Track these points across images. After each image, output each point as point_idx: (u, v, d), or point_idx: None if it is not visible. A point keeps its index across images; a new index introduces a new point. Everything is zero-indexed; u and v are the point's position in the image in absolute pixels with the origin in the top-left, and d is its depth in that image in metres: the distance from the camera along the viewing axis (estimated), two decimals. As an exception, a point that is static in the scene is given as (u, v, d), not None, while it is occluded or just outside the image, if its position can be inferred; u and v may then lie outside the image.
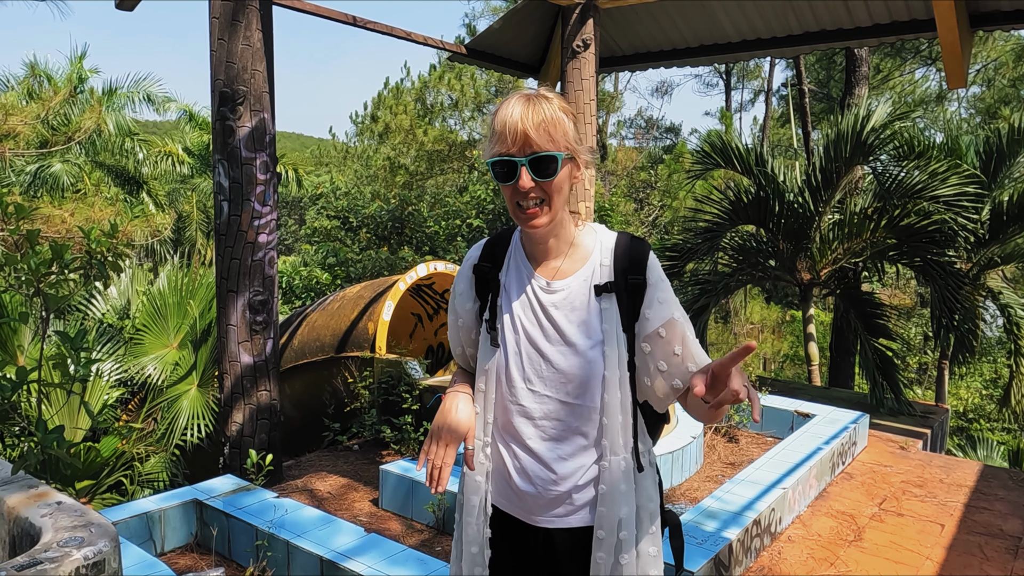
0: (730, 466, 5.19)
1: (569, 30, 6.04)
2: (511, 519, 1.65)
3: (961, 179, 7.12)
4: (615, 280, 1.58)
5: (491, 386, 1.63)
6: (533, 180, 1.47)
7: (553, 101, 1.50)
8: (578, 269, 1.61)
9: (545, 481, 1.58)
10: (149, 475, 5.36)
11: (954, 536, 4.16)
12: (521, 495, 1.61)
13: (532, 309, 1.60)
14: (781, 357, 19.91)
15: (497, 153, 1.49)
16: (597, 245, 1.63)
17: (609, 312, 1.57)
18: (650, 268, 1.59)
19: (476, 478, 1.65)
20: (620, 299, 1.57)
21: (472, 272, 1.70)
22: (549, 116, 1.48)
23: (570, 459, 1.58)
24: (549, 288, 1.60)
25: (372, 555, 3.20)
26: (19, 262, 3.29)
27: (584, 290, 1.59)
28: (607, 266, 1.60)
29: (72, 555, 2.10)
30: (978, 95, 21.36)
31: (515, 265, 1.66)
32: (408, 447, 4.98)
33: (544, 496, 1.58)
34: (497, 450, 1.64)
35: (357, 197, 13.04)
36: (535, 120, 1.46)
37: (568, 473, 1.58)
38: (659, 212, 21.44)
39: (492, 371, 1.62)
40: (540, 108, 1.48)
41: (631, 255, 1.59)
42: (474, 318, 1.70)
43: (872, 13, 6.20)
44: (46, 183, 15.63)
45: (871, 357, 7.10)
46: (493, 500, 1.66)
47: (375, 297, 5.91)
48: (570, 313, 1.58)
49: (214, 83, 4.38)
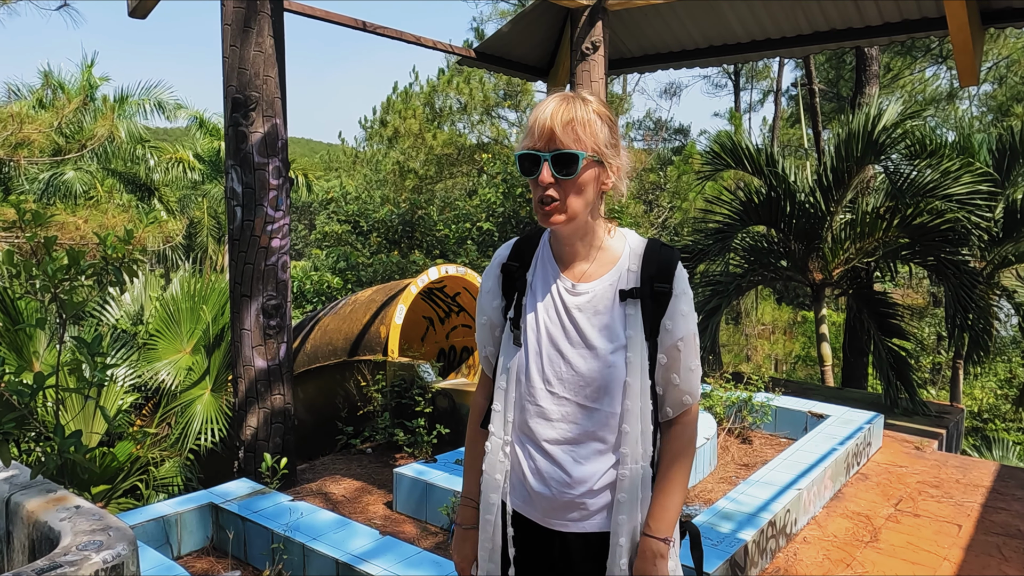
0: (744, 467, 5.17)
1: (578, 32, 6.04)
2: (527, 521, 1.65)
3: (974, 177, 7.08)
4: (641, 287, 1.57)
5: (511, 384, 1.63)
6: (553, 176, 1.48)
7: (590, 103, 1.51)
8: (605, 273, 1.60)
9: (559, 484, 1.57)
10: (164, 479, 5.39)
11: (972, 537, 4.13)
12: (535, 497, 1.60)
13: (556, 310, 1.60)
14: (793, 358, 19.82)
15: (525, 147, 1.50)
16: (626, 250, 1.62)
17: (634, 318, 1.56)
18: (677, 278, 1.59)
19: (495, 476, 1.65)
20: (645, 306, 1.56)
21: (500, 270, 1.70)
22: (580, 116, 1.49)
23: (586, 463, 1.57)
24: (574, 290, 1.59)
25: (388, 558, 3.20)
26: (36, 268, 3.32)
27: (609, 294, 1.58)
28: (634, 272, 1.59)
29: (91, 558, 2.11)
30: (990, 93, 21.23)
31: (542, 265, 1.66)
32: (421, 450, 4.99)
33: (558, 499, 1.58)
34: (514, 450, 1.64)
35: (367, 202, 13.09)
36: (564, 118, 1.48)
37: (583, 477, 1.57)
38: (669, 214, 21.40)
39: (513, 370, 1.63)
40: (573, 107, 1.49)
41: (659, 262, 1.59)
42: (500, 316, 1.70)
43: (883, 11, 6.17)
44: (59, 191, 15.77)
45: (885, 357, 7.06)
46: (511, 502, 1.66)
47: (387, 301, 5.92)
48: (593, 317, 1.57)
49: (226, 89, 4.40)
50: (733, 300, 8.60)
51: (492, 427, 1.66)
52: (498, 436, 1.65)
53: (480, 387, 1.82)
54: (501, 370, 1.66)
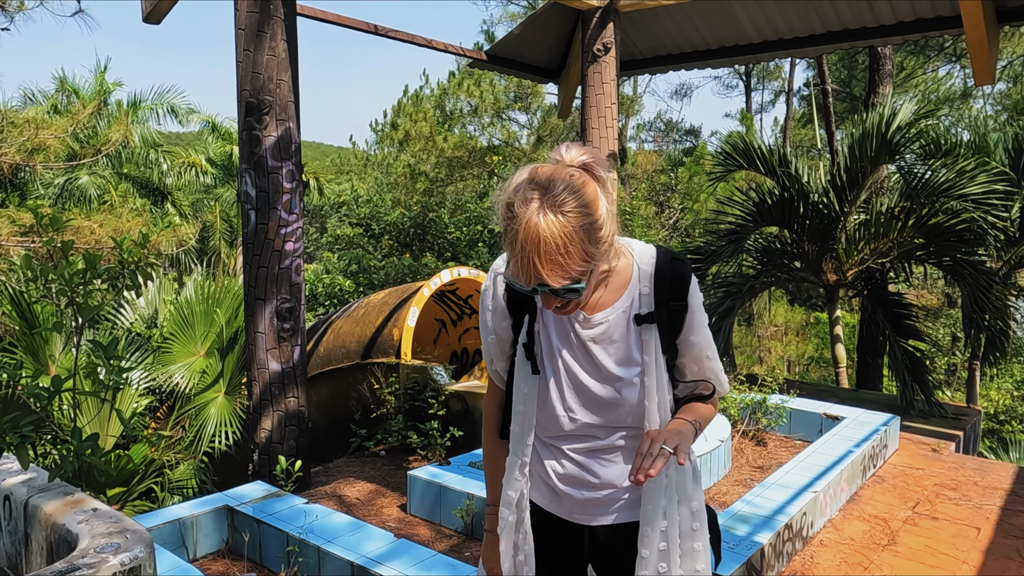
0: (759, 470, 5.14)
1: (589, 34, 6.03)
2: (551, 516, 1.67)
3: (990, 177, 7.02)
4: (656, 309, 1.54)
5: (531, 408, 1.63)
6: (556, 297, 1.40)
7: (566, 217, 1.31)
8: (616, 299, 1.56)
9: (587, 485, 1.60)
10: (179, 482, 5.42)
11: (991, 540, 4.08)
12: (563, 496, 1.63)
13: (570, 341, 1.58)
14: (806, 360, 19.71)
15: (513, 276, 1.38)
16: (635, 270, 1.56)
17: (649, 343, 1.54)
18: (692, 293, 1.56)
19: (509, 492, 1.67)
20: (661, 327, 1.55)
21: (505, 289, 1.64)
22: (562, 248, 1.31)
23: (612, 466, 1.60)
24: (587, 323, 1.56)
25: (402, 560, 3.20)
26: (53, 273, 3.34)
27: (623, 322, 1.55)
28: (647, 294, 1.55)
29: (109, 561, 2.12)
30: (1004, 92, 21.05)
31: None
32: (435, 452, 4.99)
33: (587, 498, 1.61)
34: (538, 457, 1.66)
35: (379, 205, 13.12)
36: (546, 261, 1.32)
37: (611, 478, 1.60)
38: (680, 215, 21.35)
39: (532, 396, 1.62)
40: (550, 243, 1.30)
41: (672, 281, 1.54)
42: (509, 333, 1.67)
43: (896, 11, 6.13)
44: (73, 195, 15.91)
45: (900, 358, 7.00)
46: (533, 498, 1.68)
47: (400, 303, 5.93)
48: (609, 347, 1.56)
49: (240, 93, 4.42)
50: (746, 302, 8.56)
51: (512, 445, 1.67)
52: (516, 455, 1.66)
53: (490, 397, 1.80)
54: (518, 394, 1.64)
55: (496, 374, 1.76)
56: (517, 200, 1.33)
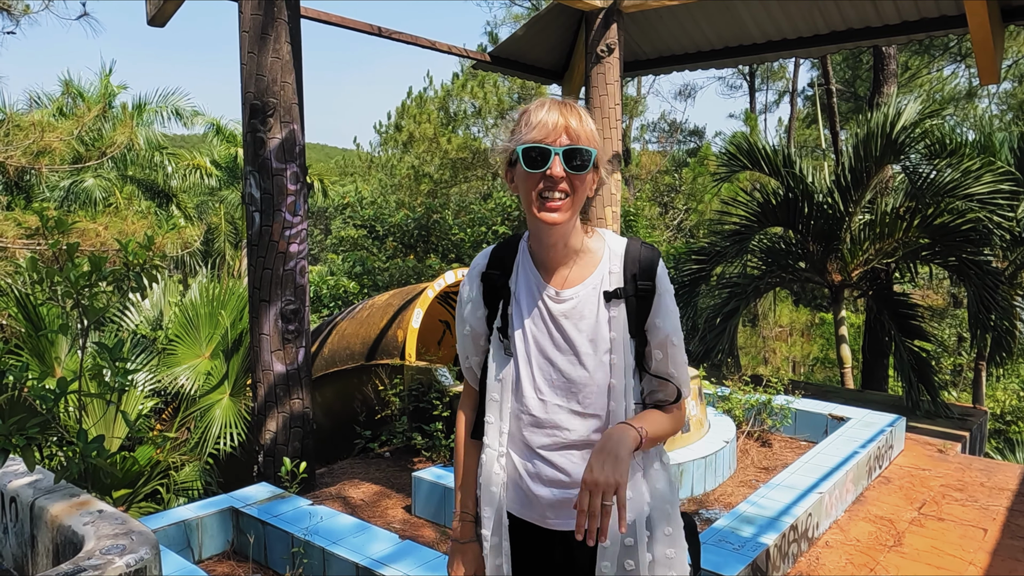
0: (764, 471, 5.13)
1: (593, 35, 6.04)
2: (527, 525, 1.65)
3: (995, 176, 6.99)
4: (624, 286, 1.59)
5: (506, 395, 1.63)
6: (564, 170, 1.49)
7: (584, 110, 1.56)
8: (587, 276, 1.61)
9: (559, 484, 1.58)
10: (184, 483, 5.42)
11: (998, 541, 4.06)
12: (536, 499, 1.61)
13: (542, 318, 1.60)
14: (811, 360, 19.66)
15: (531, 140, 1.50)
16: (606, 251, 1.63)
17: (617, 320, 1.58)
18: (659, 276, 1.61)
19: (491, 488, 1.65)
20: (628, 305, 1.58)
21: (480, 280, 1.69)
22: (584, 118, 1.53)
23: (583, 462, 1.58)
24: (558, 297, 1.60)
25: (407, 562, 3.20)
26: (59, 275, 3.35)
27: (593, 298, 1.59)
28: (616, 272, 1.60)
29: (115, 562, 2.13)
30: (1009, 91, 20.98)
31: (524, 273, 1.65)
32: (439, 454, 4.99)
33: (559, 498, 1.58)
34: (511, 460, 1.64)
35: (383, 206, 13.12)
36: (574, 117, 1.51)
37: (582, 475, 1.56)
38: (684, 216, 21.32)
39: (507, 380, 1.62)
40: (576, 110, 1.53)
41: (641, 262, 1.60)
42: (484, 326, 1.69)
43: (901, 10, 6.12)
44: (79, 198, 15.96)
45: (906, 359, 6.98)
46: (508, 507, 1.66)
47: (404, 305, 5.93)
48: (579, 322, 1.58)
49: (245, 95, 4.43)
50: (751, 302, 8.55)
51: (487, 439, 1.65)
52: (493, 448, 1.64)
53: (465, 399, 1.81)
54: (492, 381, 1.65)
55: (470, 371, 1.77)
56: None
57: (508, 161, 1.59)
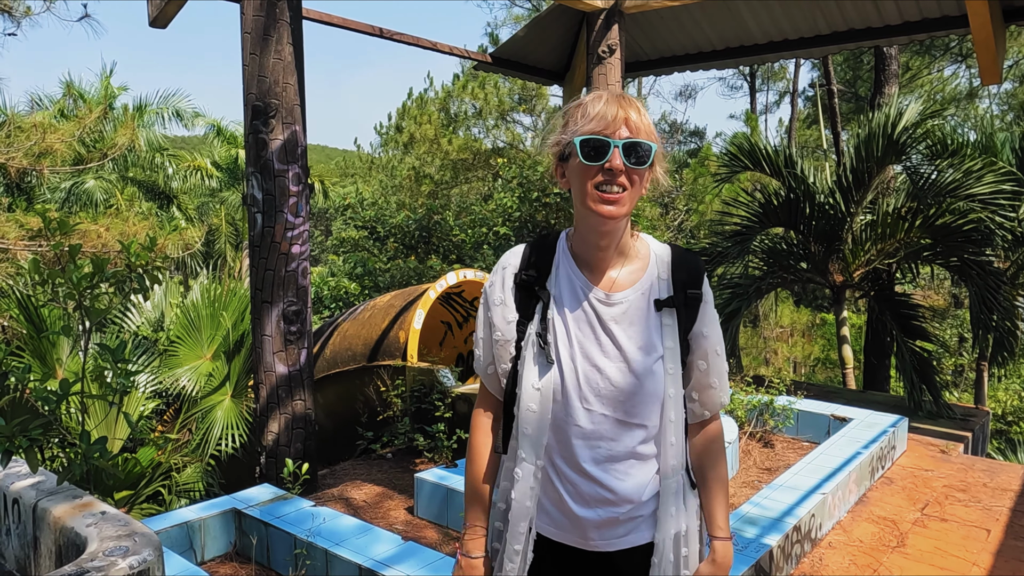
0: (766, 471, 5.12)
1: (594, 36, 6.03)
2: (561, 547, 1.56)
3: (997, 177, 6.99)
4: (675, 294, 1.53)
5: (545, 406, 1.51)
6: (624, 164, 1.43)
7: (642, 104, 1.52)
8: (636, 281, 1.54)
9: (605, 503, 1.50)
10: (186, 485, 5.42)
11: (1001, 542, 4.06)
12: (577, 520, 1.52)
13: (588, 323, 1.51)
14: (812, 361, 19.65)
15: (589, 131, 1.43)
16: (652, 256, 1.57)
17: (670, 328, 1.52)
18: (706, 284, 1.57)
19: (526, 504, 1.54)
20: (679, 314, 1.53)
21: (513, 282, 1.59)
22: (643, 112, 1.47)
23: (627, 479, 1.51)
24: (608, 300, 1.51)
25: (410, 563, 3.20)
26: (60, 277, 3.35)
27: (643, 304, 1.52)
28: (665, 279, 1.54)
29: (118, 564, 2.13)
30: (1010, 91, 20.98)
31: (565, 274, 1.56)
32: (441, 455, 4.98)
33: (605, 518, 1.51)
34: (547, 476, 1.54)
35: (384, 207, 13.13)
36: (633, 110, 1.45)
37: (627, 494, 1.51)
38: (685, 216, 21.30)
39: (547, 389, 1.51)
40: (635, 103, 1.47)
41: (688, 269, 1.55)
42: (515, 331, 1.57)
43: (902, 11, 6.12)
44: (80, 199, 15.98)
45: (908, 359, 6.98)
46: (539, 528, 1.57)
47: (405, 306, 5.93)
48: (629, 328, 1.50)
49: (246, 97, 4.43)
50: (752, 303, 8.54)
51: (522, 452, 1.54)
52: (530, 462, 1.54)
53: (484, 407, 1.69)
54: (530, 390, 1.52)
55: (493, 377, 1.64)
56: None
57: (560, 155, 1.51)
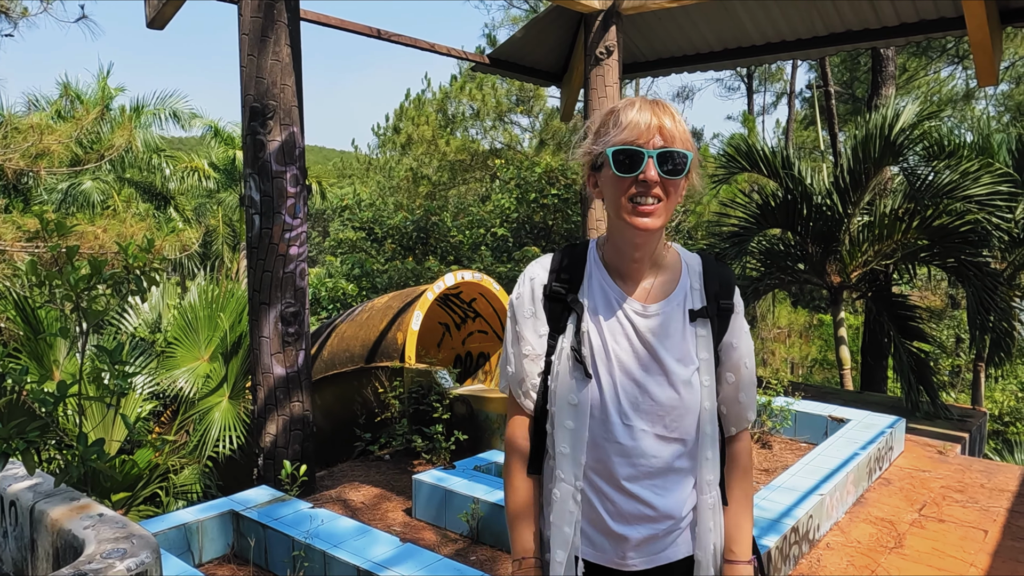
0: (764, 472, 5.12)
1: (592, 37, 6.04)
2: (596, 568, 1.52)
3: (994, 178, 7.00)
4: (708, 305, 1.50)
5: (582, 422, 1.46)
6: (659, 175, 1.38)
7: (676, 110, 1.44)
8: (671, 291, 1.50)
9: (646, 520, 1.47)
10: (183, 487, 5.41)
11: (998, 542, 4.07)
12: (617, 539, 1.48)
13: (625, 335, 1.47)
14: (810, 362, 19.67)
15: (622, 142, 1.38)
16: (683, 266, 1.54)
17: (705, 339, 1.48)
18: (737, 295, 1.54)
19: (564, 528, 1.49)
20: (713, 325, 1.50)
21: (543, 294, 1.53)
22: (678, 118, 1.41)
23: (668, 495, 1.47)
24: (645, 312, 1.47)
25: (408, 565, 3.20)
26: (58, 278, 3.34)
27: (678, 315, 1.48)
28: (698, 289, 1.51)
29: (115, 566, 2.12)
30: (1007, 92, 21.03)
31: (599, 285, 1.51)
32: (439, 456, 4.98)
33: (645, 536, 1.47)
34: (586, 496, 1.49)
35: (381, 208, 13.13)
36: (667, 116, 1.40)
37: (670, 508, 1.48)
38: (682, 217, 21.33)
39: (585, 406, 1.46)
40: (669, 109, 1.41)
41: (720, 279, 1.53)
42: (545, 345, 1.52)
43: (899, 12, 6.14)
44: (77, 200, 15.95)
45: (905, 360, 6.99)
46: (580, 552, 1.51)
47: (403, 307, 5.93)
48: (666, 340, 1.46)
49: (244, 98, 4.43)
50: (750, 304, 8.56)
51: (560, 472, 1.48)
52: (568, 483, 1.47)
53: (517, 427, 1.60)
54: (565, 406, 1.47)
55: (527, 394, 1.56)
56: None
57: (592, 164, 1.46)
